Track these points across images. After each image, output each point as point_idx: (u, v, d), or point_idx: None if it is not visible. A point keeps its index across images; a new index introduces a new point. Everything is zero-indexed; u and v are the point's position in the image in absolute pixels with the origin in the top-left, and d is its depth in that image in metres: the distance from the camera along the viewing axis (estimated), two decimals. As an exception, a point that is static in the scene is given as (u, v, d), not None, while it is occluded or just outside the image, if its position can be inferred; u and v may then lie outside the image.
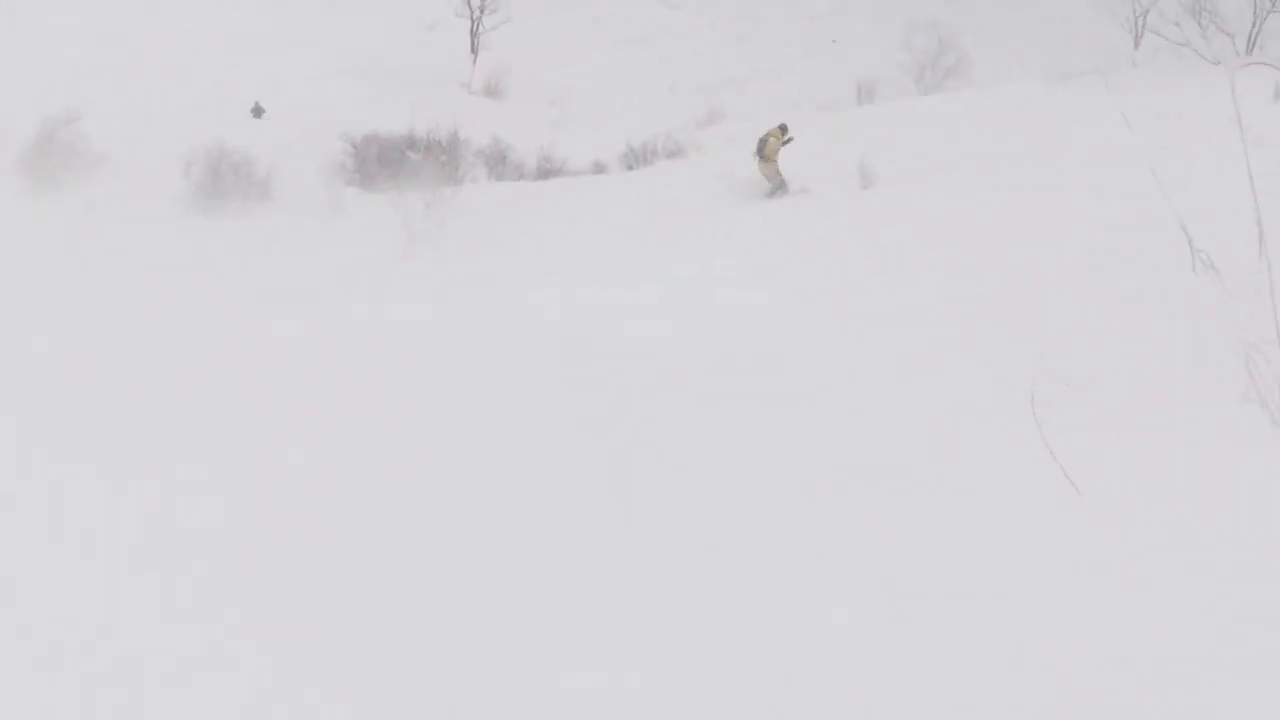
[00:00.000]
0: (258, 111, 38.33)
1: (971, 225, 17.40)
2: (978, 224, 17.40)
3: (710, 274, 16.02)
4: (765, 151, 25.11)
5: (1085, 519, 5.19)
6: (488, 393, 9.78)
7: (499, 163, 34.87)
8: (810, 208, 21.49)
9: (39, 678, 4.81)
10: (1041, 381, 5.85)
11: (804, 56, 63.74)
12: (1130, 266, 12.93)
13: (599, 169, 35.37)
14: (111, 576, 5.52)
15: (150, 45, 41.75)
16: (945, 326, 12.85)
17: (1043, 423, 5.65)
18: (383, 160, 32.49)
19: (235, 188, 30.68)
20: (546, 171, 34.68)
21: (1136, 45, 38.41)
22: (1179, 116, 23.20)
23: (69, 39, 38.35)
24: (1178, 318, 8.93)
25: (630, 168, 34.95)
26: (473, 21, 50.22)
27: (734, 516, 5.88)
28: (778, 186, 24.71)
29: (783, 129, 26.02)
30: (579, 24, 58.99)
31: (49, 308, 15.02)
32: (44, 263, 18.65)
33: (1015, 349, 9.24)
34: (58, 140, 28.65)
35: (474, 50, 50.00)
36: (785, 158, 25.48)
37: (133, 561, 5.71)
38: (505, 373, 10.55)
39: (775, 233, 19.08)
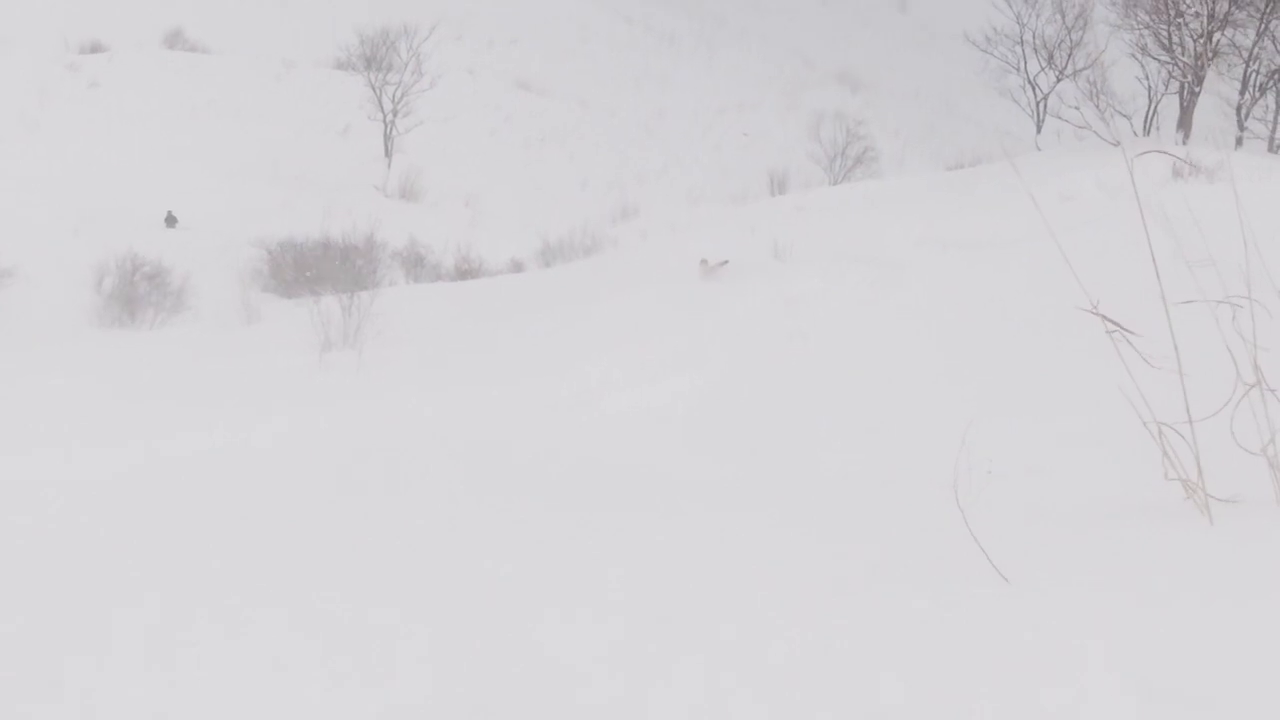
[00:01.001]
0: (171, 221, 38.05)
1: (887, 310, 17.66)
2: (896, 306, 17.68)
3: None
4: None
5: (1010, 606, 5.18)
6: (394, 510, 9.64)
7: (416, 264, 34.90)
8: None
9: None
10: (964, 467, 5.86)
11: (714, 149, 64.84)
12: (1041, 342, 13.21)
13: (517, 267, 35.48)
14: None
15: (47, 157, 41.49)
16: (859, 406, 13.00)
17: (966, 509, 5.66)
18: (299, 266, 32.37)
19: (149, 298, 30.40)
20: (464, 272, 34.70)
21: (1039, 130, 39.36)
22: (1078, 197, 23.88)
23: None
24: (1091, 395, 9.06)
25: (548, 265, 35.08)
26: (386, 125, 50.42)
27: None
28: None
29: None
30: (491, 123, 59.53)
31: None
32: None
33: (935, 427, 9.31)
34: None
35: (388, 153, 50.16)
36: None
37: None
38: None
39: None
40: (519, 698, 4.72)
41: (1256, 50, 33.73)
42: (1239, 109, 33.83)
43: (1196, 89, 33.86)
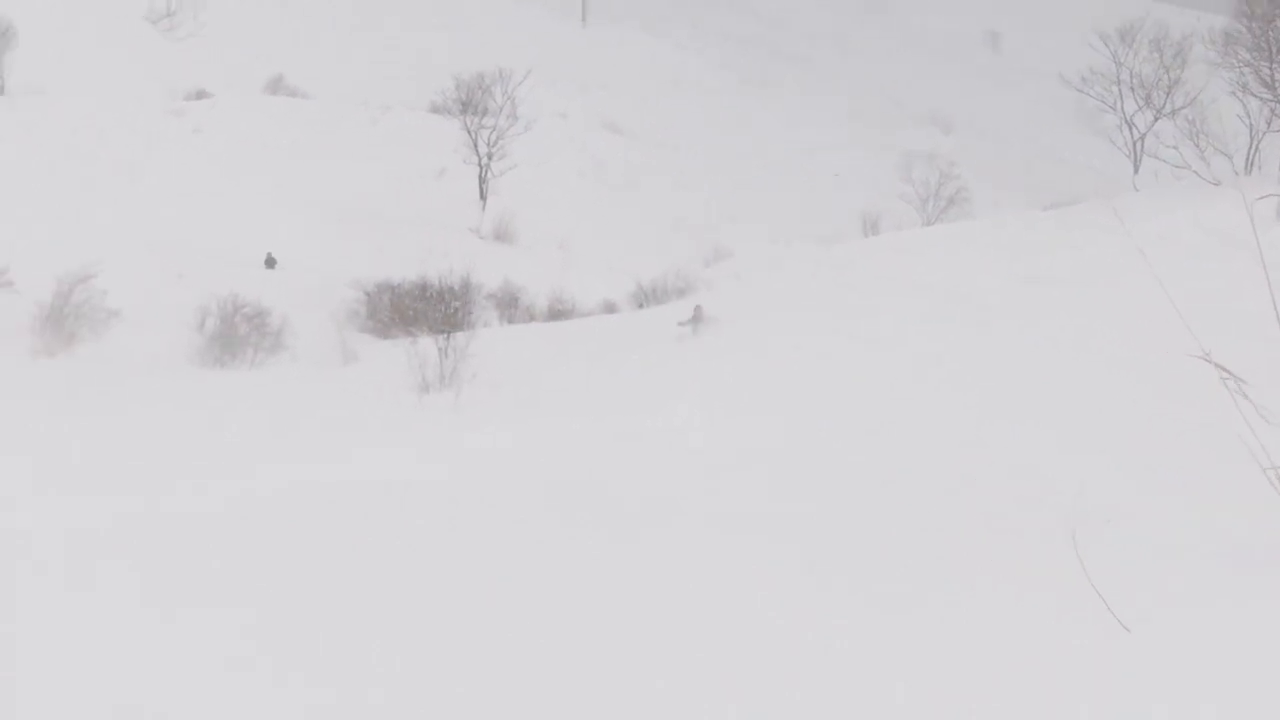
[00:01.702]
0: (270, 263, 38.75)
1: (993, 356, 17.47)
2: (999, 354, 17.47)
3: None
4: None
5: (1131, 654, 5.11)
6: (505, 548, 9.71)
7: (510, 305, 35.19)
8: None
9: None
10: (1081, 516, 5.80)
11: (804, 190, 64.72)
12: (1158, 390, 12.92)
13: (610, 308, 35.65)
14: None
15: (152, 201, 42.42)
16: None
17: (1084, 557, 5.59)
18: (396, 307, 32.78)
19: (249, 339, 30.83)
20: (558, 313, 34.95)
21: (1136, 169, 38.83)
22: (1176, 238, 23.49)
23: (68, 206, 38.94)
24: (1208, 446, 8.88)
25: (641, 306, 35.23)
26: (481, 168, 51.06)
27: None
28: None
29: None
30: (582, 166, 60.01)
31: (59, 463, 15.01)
32: (55, 417, 18.69)
33: (1052, 478, 9.18)
34: (73, 299, 28.90)
35: (482, 196, 50.77)
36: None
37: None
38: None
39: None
40: None
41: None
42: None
43: (1300, 127, 33.25)
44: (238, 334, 30.93)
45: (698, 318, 26.33)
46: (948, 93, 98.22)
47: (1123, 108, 39.88)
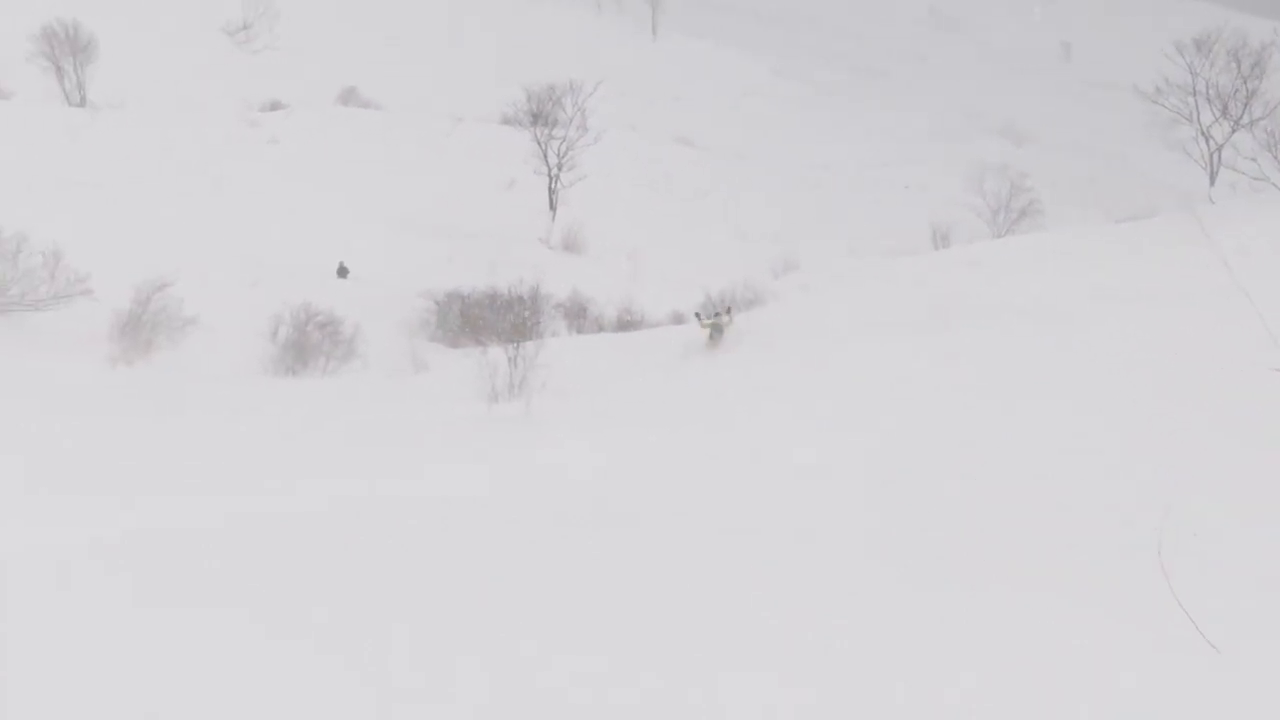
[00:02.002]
0: (343, 272, 39.12)
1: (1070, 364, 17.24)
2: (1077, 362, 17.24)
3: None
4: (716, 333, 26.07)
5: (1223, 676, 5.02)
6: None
7: (579, 316, 35.26)
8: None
9: None
10: (1168, 532, 5.71)
11: (874, 202, 64.36)
12: (1244, 408, 12.66)
13: (678, 319, 35.62)
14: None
15: (228, 210, 42.95)
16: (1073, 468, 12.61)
17: (1171, 574, 5.51)
18: (465, 317, 32.96)
19: (321, 347, 31.12)
20: (626, 324, 34.98)
21: (1212, 182, 38.29)
22: (1255, 251, 23.07)
23: (146, 215, 39.49)
24: (1258, 459, 8.72)
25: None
26: (550, 179, 51.34)
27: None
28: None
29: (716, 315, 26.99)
30: (651, 177, 60.08)
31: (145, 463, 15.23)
32: (135, 421, 18.96)
33: (1140, 495, 9.04)
34: (151, 307, 29.35)
35: (552, 206, 51.03)
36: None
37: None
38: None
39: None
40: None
41: None
42: None
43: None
44: (310, 342, 31.23)
45: (717, 326, 26.01)
46: (1020, 106, 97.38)
47: (1199, 119, 39.33)
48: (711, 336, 25.99)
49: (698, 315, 28.16)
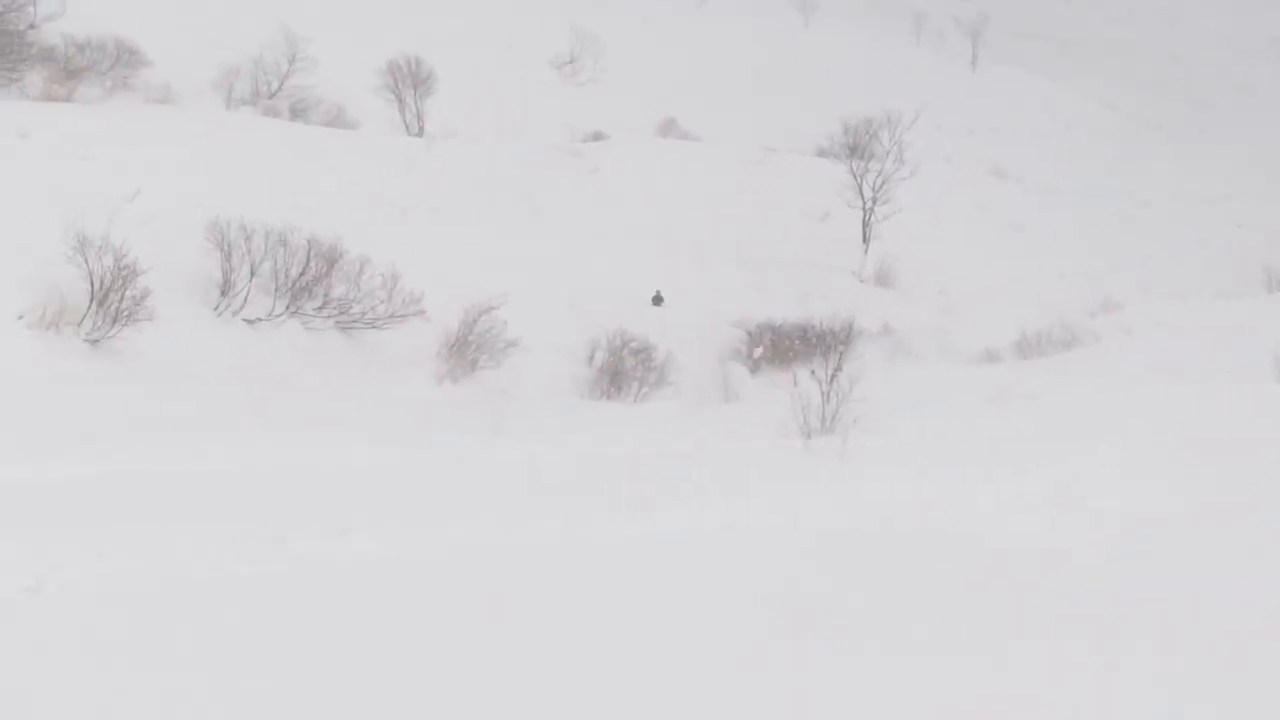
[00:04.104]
0: (658, 300, 40.01)
1: None
2: None
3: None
4: None
5: None
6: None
7: (894, 351, 35.04)
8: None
9: None
10: None
11: (1200, 241, 61.23)
12: None
13: (991, 357, 34.92)
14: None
15: (549, 237, 44.50)
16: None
17: None
18: (776, 348, 33.23)
19: (634, 373, 31.91)
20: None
21: None
22: None
23: (471, 239, 41.30)
24: None
25: (1024, 357, 34.35)
26: (865, 211, 51.20)
27: None
28: None
29: None
30: (964, 210, 59.11)
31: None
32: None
33: None
34: (476, 328, 30.74)
35: (865, 239, 50.85)
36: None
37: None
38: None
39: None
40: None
41: None
42: None
43: None
44: (624, 367, 32.06)
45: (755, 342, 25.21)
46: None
47: None
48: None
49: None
